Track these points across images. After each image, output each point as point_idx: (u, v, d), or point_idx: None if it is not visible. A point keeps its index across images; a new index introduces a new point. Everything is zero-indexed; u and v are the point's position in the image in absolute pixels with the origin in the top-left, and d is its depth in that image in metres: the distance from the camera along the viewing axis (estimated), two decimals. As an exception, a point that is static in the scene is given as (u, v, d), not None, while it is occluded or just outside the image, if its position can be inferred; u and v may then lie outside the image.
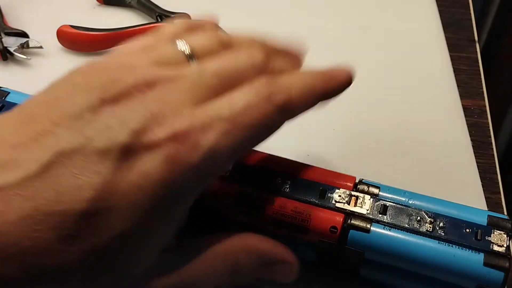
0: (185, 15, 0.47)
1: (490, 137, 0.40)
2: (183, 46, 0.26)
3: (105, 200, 0.21)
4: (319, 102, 0.27)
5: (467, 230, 0.26)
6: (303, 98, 0.26)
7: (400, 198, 0.28)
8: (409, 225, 0.26)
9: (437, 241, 0.26)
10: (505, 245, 0.25)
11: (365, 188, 0.28)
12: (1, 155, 0.21)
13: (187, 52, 0.26)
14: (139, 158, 0.21)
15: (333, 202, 0.27)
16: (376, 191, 0.28)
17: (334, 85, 0.28)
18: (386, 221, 0.26)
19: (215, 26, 0.29)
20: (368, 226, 0.26)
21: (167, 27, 0.28)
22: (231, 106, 0.23)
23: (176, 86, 0.23)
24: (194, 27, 0.28)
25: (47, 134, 0.22)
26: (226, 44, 0.27)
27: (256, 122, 0.24)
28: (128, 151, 0.21)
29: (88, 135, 0.21)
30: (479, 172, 0.36)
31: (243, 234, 0.25)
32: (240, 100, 0.24)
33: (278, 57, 0.28)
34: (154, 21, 0.48)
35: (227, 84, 0.25)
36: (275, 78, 0.25)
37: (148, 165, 0.21)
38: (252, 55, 0.26)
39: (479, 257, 0.25)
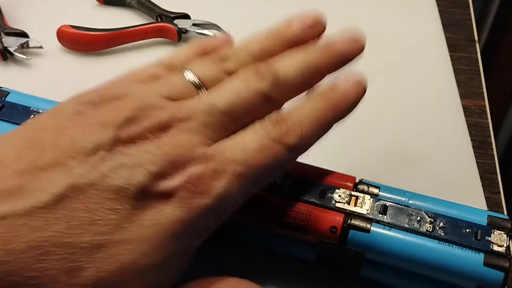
0: (185, 15, 0.47)
1: (490, 137, 0.40)
2: (191, 77, 0.26)
3: (119, 234, 0.21)
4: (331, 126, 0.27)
5: (467, 230, 0.26)
6: (314, 133, 0.26)
7: (400, 198, 0.28)
8: (409, 225, 0.26)
9: (437, 241, 0.26)
10: (505, 245, 0.25)
11: (365, 188, 0.28)
12: (7, 180, 0.21)
13: (196, 83, 0.26)
14: (155, 200, 0.22)
15: (333, 202, 0.27)
16: (376, 191, 0.28)
17: (345, 107, 0.27)
18: (386, 221, 0.26)
19: (224, 47, 0.29)
20: (368, 226, 0.26)
21: (175, 56, 0.29)
22: (243, 148, 0.24)
23: (189, 127, 0.24)
24: (201, 53, 0.29)
25: (58, 165, 0.22)
26: (232, 70, 0.27)
27: (268, 163, 0.24)
28: (145, 192, 0.22)
29: (103, 171, 0.22)
30: (479, 172, 0.36)
31: (230, 280, 0.25)
32: (252, 142, 0.24)
33: (284, 66, 0.27)
34: (154, 21, 0.48)
35: (238, 119, 0.25)
36: (285, 117, 0.25)
37: (165, 207, 0.22)
38: (258, 82, 0.26)
39: (479, 257, 0.25)
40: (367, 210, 0.27)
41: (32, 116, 0.31)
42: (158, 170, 0.22)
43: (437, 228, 0.26)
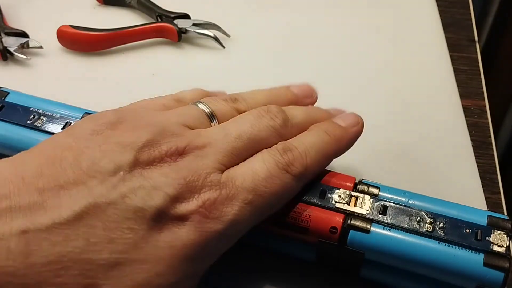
0: (185, 15, 0.47)
1: (490, 137, 0.40)
2: (205, 108, 0.28)
3: (135, 253, 0.22)
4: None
5: (467, 231, 0.26)
6: (317, 164, 0.28)
7: (400, 198, 0.28)
8: (409, 225, 0.26)
9: (437, 241, 0.26)
10: (505, 245, 0.25)
11: (365, 188, 0.28)
12: (28, 197, 0.22)
13: (208, 112, 0.28)
14: (171, 222, 0.23)
15: (333, 202, 0.27)
16: (376, 191, 0.28)
17: (345, 144, 0.30)
18: (386, 221, 0.26)
19: (229, 97, 0.30)
20: (368, 226, 0.26)
21: (182, 93, 0.31)
22: (254, 176, 0.25)
23: (204, 153, 0.25)
24: (210, 94, 0.31)
25: (79, 184, 0.22)
26: (242, 110, 0.29)
27: (276, 191, 0.26)
28: (161, 214, 0.23)
29: (123, 192, 0.22)
30: (479, 172, 0.36)
31: None
32: (261, 170, 0.25)
33: (292, 112, 0.29)
34: (154, 21, 0.48)
35: (250, 148, 0.26)
36: (292, 147, 0.27)
37: (179, 230, 0.23)
38: (270, 120, 0.28)
39: (479, 258, 0.25)
40: (367, 210, 0.27)
41: (32, 116, 0.31)
42: (175, 194, 0.23)
43: (437, 229, 0.26)
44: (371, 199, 0.27)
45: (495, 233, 0.26)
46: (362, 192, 0.28)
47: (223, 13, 0.50)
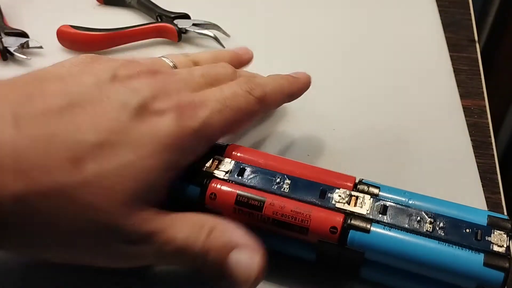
0: (185, 15, 0.47)
1: (490, 137, 0.40)
2: (168, 60, 0.33)
3: (120, 138, 0.25)
4: (286, 100, 0.35)
5: (467, 230, 0.26)
6: (275, 95, 0.33)
7: (400, 198, 0.28)
8: (409, 225, 0.26)
9: (437, 241, 0.25)
10: (505, 245, 0.25)
11: (365, 188, 0.28)
12: (18, 90, 0.26)
13: (171, 64, 0.33)
14: (151, 116, 0.26)
15: (333, 202, 0.27)
16: (376, 191, 0.28)
17: (297, 87, 0.35)
18: (386, 221, 0.26)
19: (185, 54, 0.36)
20: (368, 226, 0.26)
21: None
22: (222, 92, 0.30)
23: (173, 79, 0.30)
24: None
25: (68, 82, 0.27)
26: (196, 62, 0.35)
27: (241, 107, 0.30)
28: (142, 110, 0.26)
29: (106, 93, 0.26)
30: (479, 172, 0.36)
31: (217, 216, 0.27)
32: (228, 90, 0.30)
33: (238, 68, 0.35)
34: (154, 21, 0.48)
35: (209, 83, 0.31)
36: (253, 79, 0.32)
37: (159, 123, 0.26)
38: (224, 67, 0.33)
39: (479, 257, 0.25)
40: (367, 210, 0.27)
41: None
42: (153, 94, 0.27)
43: (437, 228, 0.26)
44: (371, 199, 0.27)
45: (495, 233, 0.26)
46: (362, 192, 0.28)
47: (223, 13, 0.50)
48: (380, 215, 0.27)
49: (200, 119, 0.28)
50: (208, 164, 0.29)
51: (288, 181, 0.28)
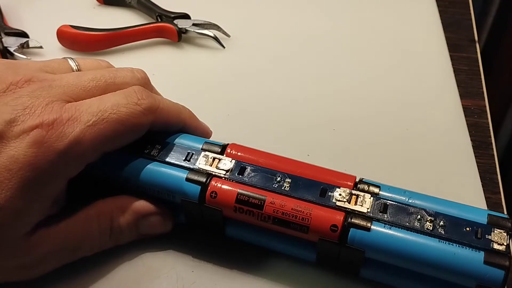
0: (185, 15, 0.47)
1: (490, 137, 0.40)
2: (71, 62, 0.31)
3: None
4: (181, 124, 0.31)
5: (467, 229, 0.26)
6: (169, 112, 0.30)
7: (401, 197, 0.28)
8: (409, 223, 0.26)
9: (437, 239, 0.26)
10: (505, 244, 0.25)
11: (366, 187, 0.28)
12: None
13: (74, 66, 0.30)
14: (8, 144, 0.24)
15: (334, 200, 0.27)
16: (376, 190, 0.28)
17: (196, 123, 0.33)
18: (387, 219, 0.26)
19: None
20: (369, 224, 0.26)
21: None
22: (100, 103, 0.27)
23: (51, 84, 0.27)
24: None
25: None
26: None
27: (122, 119, 0.27)
28: (1, 136, 0.24)
29: None
30: (479, 172, 0.36)
31: (117, 197, 0.29)
32: (110, 100, 0.27)
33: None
34: (154, 21, 0.48)
35: (102, 88, 0.28)
36: (145, 90, 0.29)
37: (16, 150, 0.24)
38: (131, 72, 0.31)
39: (479, 256, 0.25)
40: (368, 208, 0.27)
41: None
42: (11, 118, 0.25)
43: (437, 227, 0.26)
44: (372, 198, 0.27)
45: (495, 231, 0.26)
46: (363, 190, 0.28)
47: (223, 13, 0.50)
48: (380, 214, 0.27)
49: (67, 138, 0.25)
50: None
51: (288, 180, 0.28)
